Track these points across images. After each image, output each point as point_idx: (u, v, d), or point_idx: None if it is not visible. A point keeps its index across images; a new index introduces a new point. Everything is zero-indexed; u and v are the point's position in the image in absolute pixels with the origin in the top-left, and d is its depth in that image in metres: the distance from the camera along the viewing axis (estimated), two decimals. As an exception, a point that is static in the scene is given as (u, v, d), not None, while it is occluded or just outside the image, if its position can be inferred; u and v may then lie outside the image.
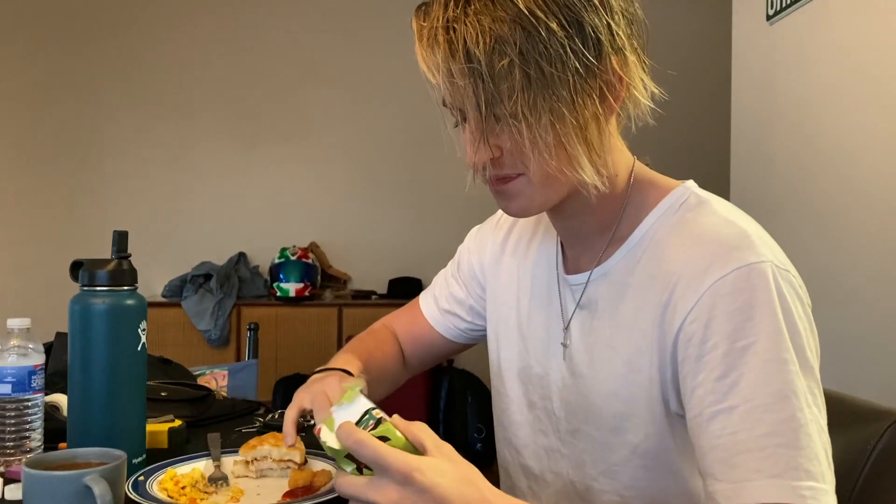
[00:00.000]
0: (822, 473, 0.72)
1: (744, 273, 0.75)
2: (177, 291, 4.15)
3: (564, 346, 0.93)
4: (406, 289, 4.43)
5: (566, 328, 0.93)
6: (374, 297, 4.41)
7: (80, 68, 4.45)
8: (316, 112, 4.57)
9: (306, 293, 4.17)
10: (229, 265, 4.32)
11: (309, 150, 4.57)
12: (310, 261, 4.25)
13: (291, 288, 4.13)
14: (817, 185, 2.14)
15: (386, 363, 1.15)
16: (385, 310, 4.74)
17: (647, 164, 0.93)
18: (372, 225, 4.59)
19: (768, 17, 2.34)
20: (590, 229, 0.91)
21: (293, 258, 4.20)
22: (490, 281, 1.10)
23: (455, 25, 0.75)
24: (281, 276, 4.16)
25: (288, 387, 3.73)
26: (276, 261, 4.22)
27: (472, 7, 0.75)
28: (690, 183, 0.90)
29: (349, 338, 4.68)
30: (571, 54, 0.75)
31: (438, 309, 1.17)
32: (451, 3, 0.76)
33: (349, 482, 0.70)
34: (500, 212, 1.11)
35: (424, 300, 1.20)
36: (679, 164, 0.92)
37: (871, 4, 1.93)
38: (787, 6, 2.23)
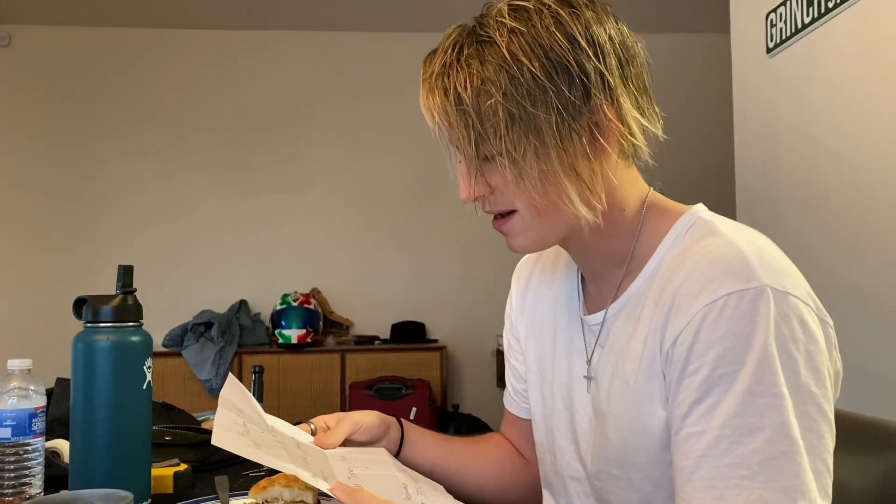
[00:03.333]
0: None
1: (734, 299, 0.73)
2: (177, 341, 4.11)
3: (588, 379, 0.92)
4: (409, 333, 4.38)
5: (588, 364, 0.92)
6: (376, 342, 4.37)
7: (82, 119, 4.47)
8: (316, 160, 4.58)
9: (308, 339, 4.12)
10: (230, 313, 4.28)
11: (309, 197, 4.57)
12: (312, 306, 4.21)
13: (293, 334, 4.09)
14: (822, 213, 2.13)
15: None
16: (388, 355, 4.64)
17: (659, 191, 0.93)
18: (373, 270, 4.57)
19: (768, 50, 2.36)
20: (606, 262, 0.91)
21: (295, 304, 4.17)
22: (521, 336, 1.08)
23: (450, 71, 0.81)
24: (283, 322, 4.12)
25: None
26: (278, 307, 4.19)
27: (465, 53, 0.80)
28: (698, 207, 0.89)
29: (353, 384, 4.57)
30: (554, 96, 0.78)
31: (515, 395, 1.13)
32: (449, 50, 0.81)
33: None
34: (519, 263, 1.12)
35: (504, 396, 1.17)
36: (685, 197, 0.92)
37: (871, 35, 1.94)
38: (787, 38, 2.25)
